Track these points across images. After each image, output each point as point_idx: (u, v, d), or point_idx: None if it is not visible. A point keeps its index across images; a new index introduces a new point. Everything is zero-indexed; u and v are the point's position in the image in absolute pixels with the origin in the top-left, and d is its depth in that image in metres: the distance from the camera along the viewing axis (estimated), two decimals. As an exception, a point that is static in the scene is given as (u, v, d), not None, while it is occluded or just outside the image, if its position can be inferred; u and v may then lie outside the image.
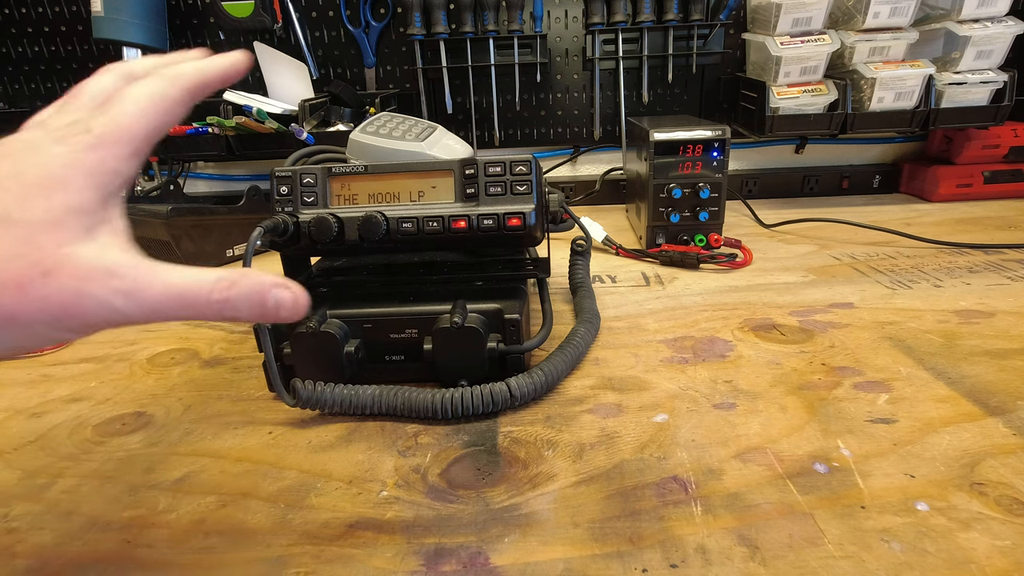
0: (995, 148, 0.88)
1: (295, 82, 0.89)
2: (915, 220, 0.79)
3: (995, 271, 0.58)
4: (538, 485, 0.31)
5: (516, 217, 0.40)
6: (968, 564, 0.24)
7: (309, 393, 0.36)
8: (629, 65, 0.91)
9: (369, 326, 0.40)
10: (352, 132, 0.45)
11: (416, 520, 0.29)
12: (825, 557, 0.25)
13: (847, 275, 0.59)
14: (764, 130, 0.83)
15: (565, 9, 0.91)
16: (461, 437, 0.35)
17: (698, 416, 0.36)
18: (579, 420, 0.36)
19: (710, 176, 0.64)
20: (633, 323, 0.50)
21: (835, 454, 0.32)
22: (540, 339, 0.41)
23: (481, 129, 0.97)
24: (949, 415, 0.35)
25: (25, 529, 0.29)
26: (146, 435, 0.37)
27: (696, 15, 0.87)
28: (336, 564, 0.26)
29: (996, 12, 0.77)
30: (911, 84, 0.79)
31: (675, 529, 0.27)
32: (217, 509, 0.30)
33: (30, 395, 0.43)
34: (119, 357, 0.49)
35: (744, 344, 0.45)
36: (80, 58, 0.94)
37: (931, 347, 0.43)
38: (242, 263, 0.34)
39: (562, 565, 0.26)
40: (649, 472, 0.31)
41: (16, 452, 0.36)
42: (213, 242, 0.75)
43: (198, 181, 1.04)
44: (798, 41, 0.79)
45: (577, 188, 0.99)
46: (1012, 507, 0.27)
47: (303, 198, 0.41)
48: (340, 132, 0.82)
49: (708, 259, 0.64)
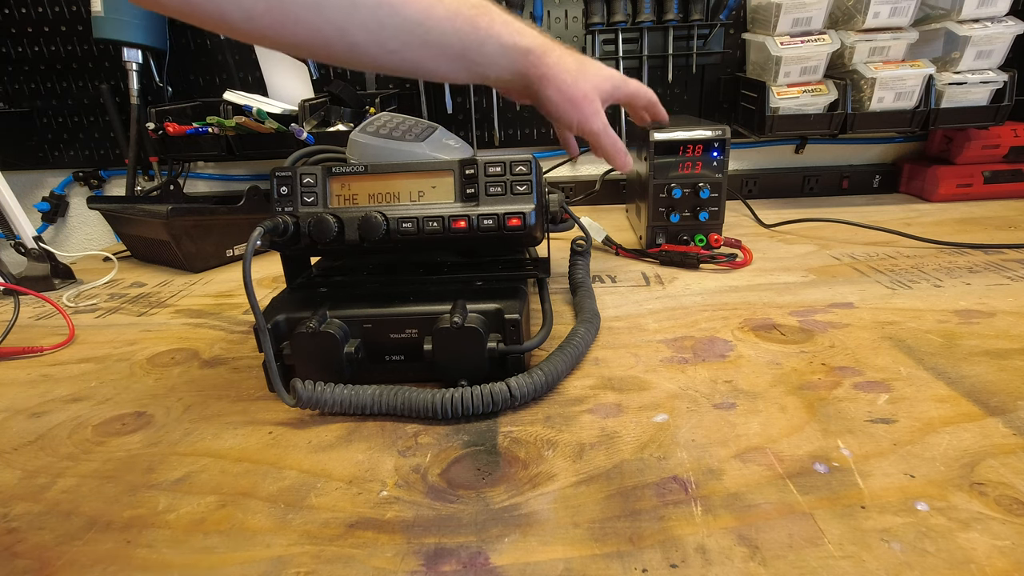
0: (995, 148, 0.88)
1: (295, 82, 0.89)
2: (915, 220, 0.79)
3: (995, 271, 0.58)
4: (538, 485, 0.31)
5: (516, 217, 0.40)
6: (968, 564, 0.24)
7: (309, 393, 0.36)
8: (629, 65, 0.91)
9: (369, 326, 0.40)
10: (352, 132, 0.45)
11: (416, 520, 0.29)
12: (825, 557, 0.25)
13: (847, 275, 0.59)
14: (764, 130, 0.83)
15: (565, 9, 0.91)
16: (461, 437, 0.35)
17: (698, 416, 0.36)
18: (579, 420, 0.36)
19: (710, 176, 0.64)
20: (633, 323, 0.50)
21: (835, 454, 0.32)
22: (540, 339, 0.41)
23: (481, 129, 0.97)
24: (949, 415, 0.35)
25: (25, 529, 0.29)
26: (146, 435, 0.37)
27: (696, 15, 0.87)
28: (336, 564, 0.26)
29: (996, 12, 0.77)
30: (911, 84, 0.79)
31: (675, 529, 0.27)
32: (217, 509, 0.30)
33: (30, 395, 0.43)
34: (119, 357, 0.49)
35: (744, 344, 0.45)
36: (80, 58, 0.94)
37: (931, 347, 0.43)
38: (243, 264, 0.34)
39: (562, 565, 0.26)
40: (649, 472, 0.31)
41: (16, 452, 0.36)
42: (213, 242, 0.75)
43: (198, 181, 1.04)
44: (798, 41, 0.79)
45: (577, 188, 0.99)
46: (1012, 507, 0.27)
47: (303, 198, 0.41)
48: (340, 132, 0.82)
49: (708, 259, 0.64)
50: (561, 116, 0.49)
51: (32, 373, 0.47)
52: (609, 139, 0.51)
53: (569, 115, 0.48)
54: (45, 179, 1.05)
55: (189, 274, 0.73)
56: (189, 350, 0.50)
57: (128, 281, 0.72)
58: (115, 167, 1.03)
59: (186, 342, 0.52)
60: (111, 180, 1.05)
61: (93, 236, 1.09)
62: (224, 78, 0.96)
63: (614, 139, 0.51)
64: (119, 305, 0.63)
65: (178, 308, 0.61)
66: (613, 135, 0.51)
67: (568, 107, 0.48)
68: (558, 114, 0.48)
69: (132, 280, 0.72)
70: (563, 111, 0.48)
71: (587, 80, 0.48)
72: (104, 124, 0.99)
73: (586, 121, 0.49)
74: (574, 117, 0.48)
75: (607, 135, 0.51)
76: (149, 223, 0.72)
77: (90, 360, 0.49)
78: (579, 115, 0.48)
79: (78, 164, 1.02)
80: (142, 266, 0.78)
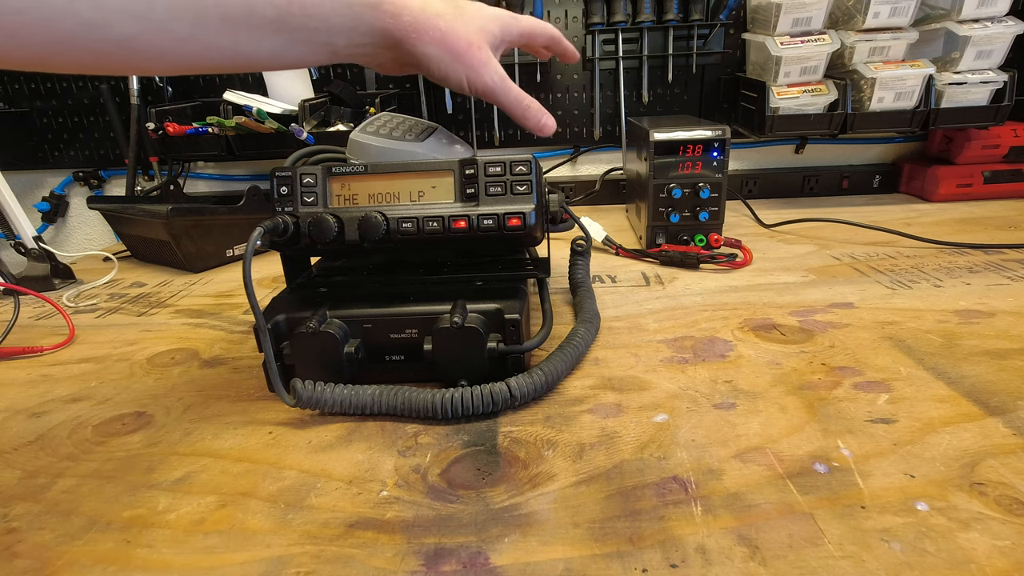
0: (995, 148, 0.88)
1: (295, 82, 0.89)
2: (915, 220, 0.79)
3: (995, 271, 0.58)
4: (538, 485, 0.31)
5: (516, 217, 0.40)
6: (968, 564, 0.24)
7: (309, 393, 0.36)
8: (629, 65, 0.91)
9: (369, 326, 0.40)
10: (352, 132, 0.45)
11: (416, 520, 0.29)
12: (825, 557, 0.25)
13: (847, 275, 0.59)
14: (764, 130, 0.83)
15: (565, 9, 0.91)
16: (461, 437, 0.35)
17: (698, 416, 0.36)
18: (579, 420, 0.36)
19: (710, 176, 0.64)
20: (633, 323, 0.50)
21: (835, 454, 0.32)
22: (540, 339, 0.41)
23: (481, 129, 0.97)
24: (949, 415, 0.35)
25: (25, 529, 0.29)
26: (146, 435, 0.37)
27: (696, 15, 0.87)
28: (336, 564, 0.26)
29: (996, 12, 0.77)
30: (911, 84, 0.79)
31: (675, 529, 0.27)
32: (217, 509, 0.30)
33: (30, 395, 0.43)
34: (119, 357, 0.49)
35: (744, 344, 0.45)
36: (80, 58, 0.94)
37: (931, 347, 0.43)
38: (243, 264, 0.34)
39: (562, 565, 0.26)
40: (649, 472, 0.31)
41: (16, 452, 0.36)
42: (213, 242, 0.75)
43: (198, 181, 1.04)
44: (798, 41, 0.79)
45: (577, 188, 0.99)
46: (1012, 507, 0.27)
47: (303, 198, 0.41)
48: (340, 132, 0.82)
49: (708, 259, 0.64)
50: (447, 75, 0.39)
51: (32, 373, 0.47)
52: (510, 94, 0.41)
53: (455, 72, 0.39)
54: (45, 179, 1.05)
55: (189, 274, 0.73)
56: (189, 350, 0.50)
57: (128, 281, 0.72)
58: (115, 167, 1.03)
59: (186, 342, 0.52)
60: (111, 180, 1.05)
61: (93, 236, 1.09)
62: (224, 78, 0.96)
63: (518, 94, 0.42)
64: (119, 305, 0.63)
65: (178, 308, 0.61)
66: (516, 90, 0.42)
67: (450, 61, 0.38)
68: (442, 73, 0.39)
69: (132, 280, 0.72)
70: (445, 68, 0.38)
71: (467, 24, 0.39)
72: (104, 124, 0.99)
73: (476, 76, 0.39)
74: (461, 73, 0.39)
75: (506, 90, 0.41)
76: (149, 223, 0.72)
77: (90, 360, 0.49)
78: (466, 69, 0.39)
79: (78, 164, 1.02)
80: (142, 266, 0.78)
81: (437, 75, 0.39)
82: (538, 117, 0.43)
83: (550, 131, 0.44)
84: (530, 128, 0.43)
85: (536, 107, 0.42)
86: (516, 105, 0.42)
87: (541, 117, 0.43)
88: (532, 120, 0.43)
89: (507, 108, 0.42)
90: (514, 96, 0.41)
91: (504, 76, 0.41)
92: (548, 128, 0.44)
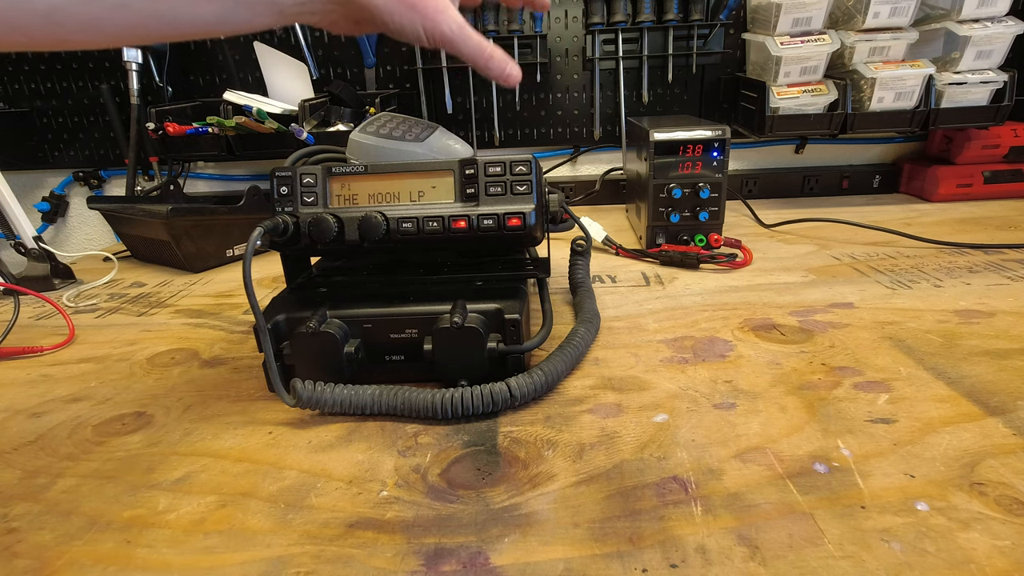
0: (995, 148, 0.88)
1: (295, 82, 0.89)
2: (915, 220, 0.79)
3: (995, 271, 0.58)
4: (538, 485, 0.31)
5: (516, 217, 0.40)
6: (968, 564, 0.24)
7: (309, 393, 0.36)
8: (629, 65, 0.91)
9: (369, 326, 0.40)
10: (352, 132, 0.45)
11: (416, 520, 0.29)
12: (825, 557, 0.25)
13: (847, 275, 0.59)
14: (764, 130, 0.83)
15: (565, 9, 0.91)
16: (461, 437, 0.35)
17: (698, 416, 0.36)
18: (579, 420, 0.36)
19: (710, 176, 0.64)
20: (633, 323, 0.50)
21: (835, 454, 0.32)
22: (540, 339, 0.41)
23: (481, 129, 0.97)
24: (949, 415, 0.35)
25: (25, 529, 0.29)
26: (146, 435, 0.37)
27: (696, 15, 0.87)
28: (336, 564, 0.26)
29: (996, 12, 0.77)
30: (911, 84, 0.79)
31: (675, 529, 0.27)
32: (217, 509, 0.30)
33: (30, 395, 0.43)
34: (119, 357, 0.49)
35: (744, 344, 0.45)
36: (80, 58, 0.94)
37: (931, 347, 0.43)
38: (243, 264, 0.34)
39: (562, 565, 0.26)
40: (649, 472, 0.31)
41: (16, 452, 0.36)
42: (213, 242, 0.75)
43: (198, 181, 1.04)
44: (798, 41, 0.79)
45: (577, 188, 0.99)
46: (1012, 507, 0.27)
47: (303, 198, 0.41)
48: (340, 132, 0.82)
49: (708, 259, 0.64)
50: (403, 26, 0.36)
51: (32, 373, 0.47)
52: (470, 42, 0.38)
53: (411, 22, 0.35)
54: (45, 179, 1.05)
55: (189, 274, 0.73)
56: (189, 350, 0.50)
57: (128, 281, 0.72)
58: (115, 167, 1.03)
59: (186, 342, 0.52)
60: (111, 180, 1.05)
61: (93, 236, 1.09)
62: (224, 78, 0.96)
63: (479, 42, 0.38)
64: (119, 305, 0.63)
65: (178, 308, 0.61)
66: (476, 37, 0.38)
67: (404, 11, 0.35)
68: (397, 25, 0.36)
69: (132, 280, 0.72)
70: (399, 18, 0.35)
71: None
72: (104, 124, 0.99)
73: (432, 24, 0.35)
74: (417, 22, 0.35)
75: (465, 38, 0.37)
76: (149, 223, 0.72)
77: (90, 360, 0.49)
78: (421, 18, 0.35)
79: (78, 164, 1.02)
80: (142, 266, 0.78)
81: (393, 28, 0.36)
82: (501, 67, 0.40)
83: (515, 81, 0.41)
84: (494, 78, 0.40)
85: (500, 55, 0.39)
86: (478, 54, 0.39)
87: (505, 66, 0.40)
88: (496, 70, 0.40)
89: (468, 58, 0.39)
90: (475, 44, 0.38)
91: (463, 24, 0.37)
92: (514, 78, 0.41)
